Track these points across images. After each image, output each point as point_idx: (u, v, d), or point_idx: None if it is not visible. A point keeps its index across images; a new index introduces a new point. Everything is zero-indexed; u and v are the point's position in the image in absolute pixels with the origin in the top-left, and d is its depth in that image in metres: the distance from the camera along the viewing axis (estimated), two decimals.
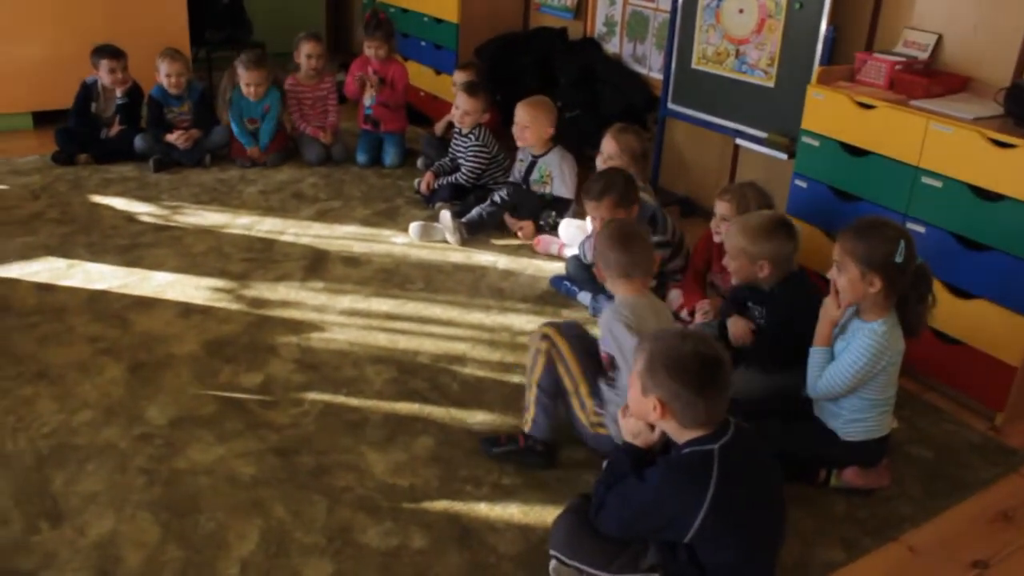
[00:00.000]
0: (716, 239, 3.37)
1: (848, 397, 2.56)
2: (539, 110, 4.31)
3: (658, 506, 2.01)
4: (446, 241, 4.24)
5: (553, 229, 4.25)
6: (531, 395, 2.68)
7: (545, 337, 2.69)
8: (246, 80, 5.04)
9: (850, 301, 2.55)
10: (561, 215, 4.28)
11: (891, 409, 2.62)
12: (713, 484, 1.93)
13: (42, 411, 2.82)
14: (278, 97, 5.16)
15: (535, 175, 4.42)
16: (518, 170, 4.52)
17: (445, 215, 4.24)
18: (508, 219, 4.35)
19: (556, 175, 4.37)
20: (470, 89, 4.55)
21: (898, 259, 2.43)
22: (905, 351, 2.56)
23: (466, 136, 4.62)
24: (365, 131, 5.30)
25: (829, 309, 2.59)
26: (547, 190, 4.40)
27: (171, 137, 5.00)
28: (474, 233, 4.27)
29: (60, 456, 2.61)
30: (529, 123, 4.31)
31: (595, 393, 2.64)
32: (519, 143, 4.41)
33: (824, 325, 2.61)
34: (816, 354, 2.60)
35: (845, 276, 2.52)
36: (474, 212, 4.32)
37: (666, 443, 2.14)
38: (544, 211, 4.32)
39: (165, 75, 4.98)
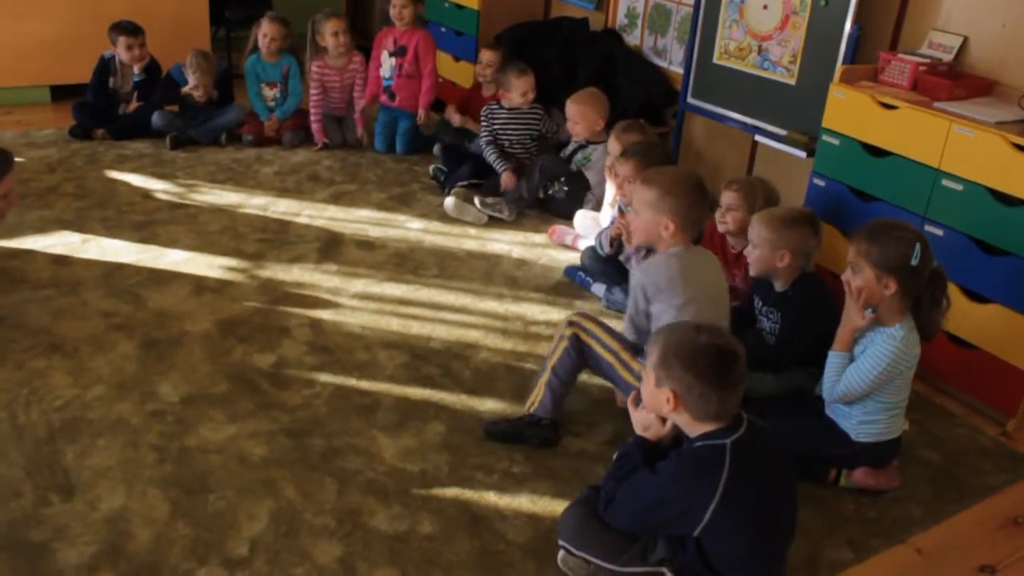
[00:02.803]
0: (720, 228, 3.40)
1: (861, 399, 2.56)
2: (587, 104, 4.35)
3: (669, 499, 2.01)
4: (475, 221, 4.30)
5: (553, 200, 4.40)
6: (544, 378, 2.73)
7: (571, 324, 2.74)
8: (264, 30, 5.03)
9: (866, 304, 2.54)
10: (570, 188, 4.33)
11: (903, 411, 2.61)
12: (724, 479, 1.93)
13: (55, 384, 2.83)
14: (296, 63, 5.14)
15: (579, 157, 4.44)
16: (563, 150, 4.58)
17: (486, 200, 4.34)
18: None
19: (594, 166, 4.36)
20: (524, 70, 4.64)
21: (914, 262, 2.42)
22: (919, 354, 2.55)
23: (528, 112, 4.71)
24: (383, 107, 5.22)
25: (853, 317, 2.54)
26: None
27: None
28: (522, 208, 4.40)
29: (72, 430, 2.62)
30: (579, 119, 4.36)
31: (638, 353, 2.66)
32: (573, 137, 4.45)
33: (845, 331, 2.57)
34: (835, 358, 2.58)
35: (860, 278, 2.50)
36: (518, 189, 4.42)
37: (677, 437, 2.14)
38: (557, 181, 4.36)
39: (192, 86, 4.98)
